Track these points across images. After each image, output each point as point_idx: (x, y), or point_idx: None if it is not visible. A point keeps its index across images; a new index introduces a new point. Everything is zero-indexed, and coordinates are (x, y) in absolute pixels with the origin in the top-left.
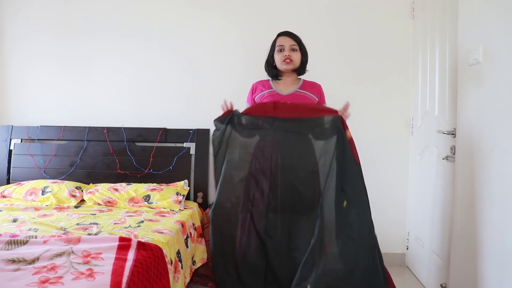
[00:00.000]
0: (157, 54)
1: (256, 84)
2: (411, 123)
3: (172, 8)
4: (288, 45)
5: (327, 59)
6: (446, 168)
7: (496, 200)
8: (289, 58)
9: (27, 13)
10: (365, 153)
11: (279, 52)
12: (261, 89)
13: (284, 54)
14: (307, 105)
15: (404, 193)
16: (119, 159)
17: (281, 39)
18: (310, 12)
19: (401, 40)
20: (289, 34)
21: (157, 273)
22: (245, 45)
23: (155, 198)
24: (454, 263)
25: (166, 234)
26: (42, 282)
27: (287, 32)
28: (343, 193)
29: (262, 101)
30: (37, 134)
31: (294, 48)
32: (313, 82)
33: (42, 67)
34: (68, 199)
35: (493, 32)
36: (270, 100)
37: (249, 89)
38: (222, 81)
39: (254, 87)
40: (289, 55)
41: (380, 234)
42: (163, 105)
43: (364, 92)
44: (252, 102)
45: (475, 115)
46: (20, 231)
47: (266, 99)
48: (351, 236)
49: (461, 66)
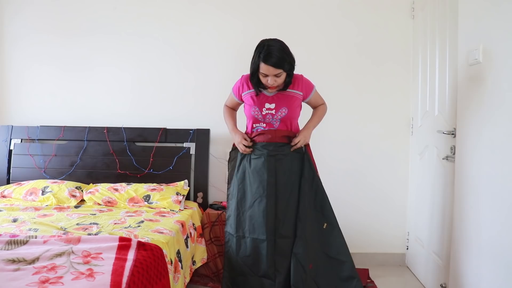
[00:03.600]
0: (157, 53)
1: (245, 78)
2: (411, 123)
3: (173, 7)
4: (271, 74)
5: (327, 59)
6: (446, 168)
7: (496, 200)
8: (273, 86)
9: (27, 13)
10: (365, 153)
11: (263, 77)
12: (248, 87)
13: (268, 81)
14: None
15: (404, 193)
16: (119, 159)
17: (264, 67)
18: (310, 12)
19: (401, 40)
20: (270, 61)
21: (157, 273)
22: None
23: (155, 198)
24: (454, 263)
25: (166, 234)
26: (42, 282)
27: (268, 59)
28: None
29: (249, 101)
30: (37, 134)
31: (278, 75)
32: (294, 76)
33: (42, 66)
34: (68, 199)
35: (493, 32)
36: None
37: (239, 79)
38: (223, 81)
39: (243, 82)
40: (273, 83)
41: (380, 234)
42: (163, 105)
43: (364, 92)
44: (239, 96)
45: (475, 115)
46: (20, 231)
47: (254, 102)
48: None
49: (461, 66)
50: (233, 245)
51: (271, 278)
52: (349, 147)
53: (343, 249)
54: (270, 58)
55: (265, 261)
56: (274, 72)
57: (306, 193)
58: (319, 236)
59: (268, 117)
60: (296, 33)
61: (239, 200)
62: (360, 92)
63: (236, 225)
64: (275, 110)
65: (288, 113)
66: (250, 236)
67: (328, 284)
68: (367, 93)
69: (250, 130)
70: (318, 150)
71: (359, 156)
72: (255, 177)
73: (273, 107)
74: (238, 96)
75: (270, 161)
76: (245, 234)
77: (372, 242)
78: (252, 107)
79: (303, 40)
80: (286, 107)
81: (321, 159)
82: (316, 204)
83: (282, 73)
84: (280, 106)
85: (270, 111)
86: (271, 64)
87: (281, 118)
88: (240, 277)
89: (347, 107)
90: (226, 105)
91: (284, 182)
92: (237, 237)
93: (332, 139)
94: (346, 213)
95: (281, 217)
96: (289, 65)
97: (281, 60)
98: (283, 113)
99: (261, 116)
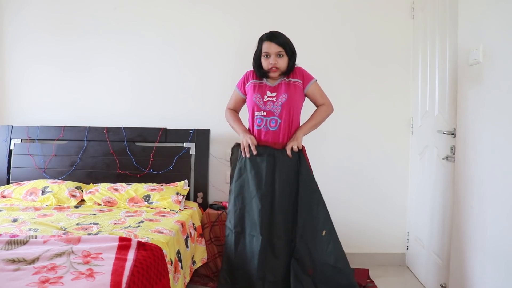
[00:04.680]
0: (157, 53)
1: (249, 72)
2: (411, 123)
3: (173, 7)
4: (273, 52)
5: (327, 59)
6: (446, 168)
7: (497, 200)
8: (276, 66)
9: (27, 13)
10: (365, 153)
11: (265, 58)
12: (252, 78)
13: (270, 62)
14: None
15: (404, 193)
16: (119, 159)
17: (266, 45)
18: (309, 13)
19: (401, 40)
20: (274, 39)
21: (157, 273)
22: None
23: (155, 198)
24: (454, 263)
25: (166, 234)
26: (42, 282)
27: (271, 37)
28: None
29: (251, 90)
30: (37, 134)
31: (280, 54)
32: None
33: (42, 66)
34: (68, 199)
35: (493, 32)
36: (259, 92)
37: (243, 75)
38: (223, 81)
39: (247, 75)
40: (275, 63)
41: (380, 234)
42: (163, 105)
43: (364, 92)
44: (243, 90)
45: (475, 115)
46: (20, 231)
47: (255, 90)
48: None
49: (461, 66)
50: (231, 240)
51: (260, 277)
52: (349, 147)
53: (341, 257)
54: (273, 37)
55: (257, 259)
56: (277, 49)
57: (304, 197)
58: (318, 242)
59: (269, 104)
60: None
61: (236, 196)
62: (359, 92)
63: (234, 221)
64: (276, 97)
65: (288, 98)
66: (247, 233)
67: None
68: (367, 93)
69: (251, 119)
70: (318, 150)
71: (359, 156)
72: (254, 175)
73: (274, 95)
74: (242, 90)
75: (269, 160)
76: (243, 230)
77: (372, 242)
78: (254, 94)
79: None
80: (286, 93)
81: (321, 159)
82: (314, 210)
83: (283, 53)
84: (281, 93)
85: (271, 98)
86: (274, 41)
87: (281, 103)
88: (237, 271)
89: (347, 106)
90: (229, 108)
91: (282, 181)
92: (235, 233)
93: (332, 139)
94: (346, 213)
95: (276, 216)
96: (290, 51)
97: (283, 40)
98: (283, 98)
99: (262, 102)
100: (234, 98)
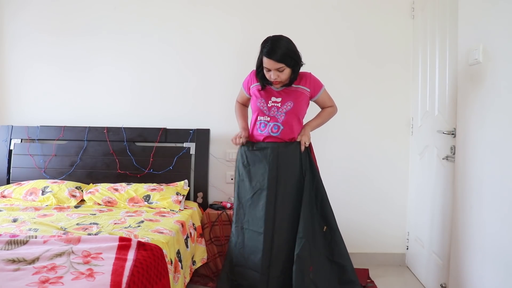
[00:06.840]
0: (157, 53)
1: (254, 72)
2: (411, 123)
3: (173, 7)
4: (273, 68)
5: (327, 60)
6: (446, 168)
7: (496, 200)
8: (277, 80)
9: (27, 13)
10: (365, 153)
11: (267, 71)
12: (256, 80)
13: (271, 76)
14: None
15: (404, 193)
16: (119, 159)
17: (265, 60)
18: (309, 13)
19: (401, 40)
20: (273, 56)
21: (157, 273)
22: (247, 46)
23: (155, 198)
24: (454, 263)
25: (166, 234)
26: (42, 282)
27: (270, 53)
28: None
29: (256, 94)
30: (37, 134)
31: (280, 69)
32: (301, 73)
33: (42, 66)
34: (68, 199)
35: (493, 32)
36: (263, 97)
37: (249, 73)
38: (223, 81)
39: (253, 76)
40: (276, 78)
41: (380, 234)
42: (163, 105)
43: (364, 92)
44: (248, 90)
45: (475, 115)
46: (20, 231)
47: (261, 94)
48: (329, 258)
49: (461, 66)
50: (233, 235)
51: (264, 273)
52: (349, 147)
53: (343, 253)
54: (271, 52)
55: (261, 255)
56: (276, 66)
57: (308, 193)
58: (320, 238)
59: (273, 110)
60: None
61: (239, 191)
62: (359, 92)
63: (236, 216)
64: (281, 103)
65: (294, 107)
66: (249, 228)
67: (328, 287)
68: (366, 93)
69: (254, 123)
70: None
71: (359, 156)
72: (257, 170)
73: (279, 100)
74: (247, 90)
75: (273, 155)
76: (244, 226)
77: (372, 242)
78: (259, 99)
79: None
80: (292, 101)
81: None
82: (317, 205)
83: (284, 68)
84: (286, 100)
85: (276, 104)
86: (273, 58)
87: (286, 111)
88: (237, 268)
89: (347, 106)
90: (237, 101)
91: (286, 176)
92: (236, 228)
93: (332, 139)
94: (346, 213)
95: (280, 211)
96: (292, 61)
97: (283, 55)
98: (288, 106)
99: (266, 108)
100: (241, 95)
